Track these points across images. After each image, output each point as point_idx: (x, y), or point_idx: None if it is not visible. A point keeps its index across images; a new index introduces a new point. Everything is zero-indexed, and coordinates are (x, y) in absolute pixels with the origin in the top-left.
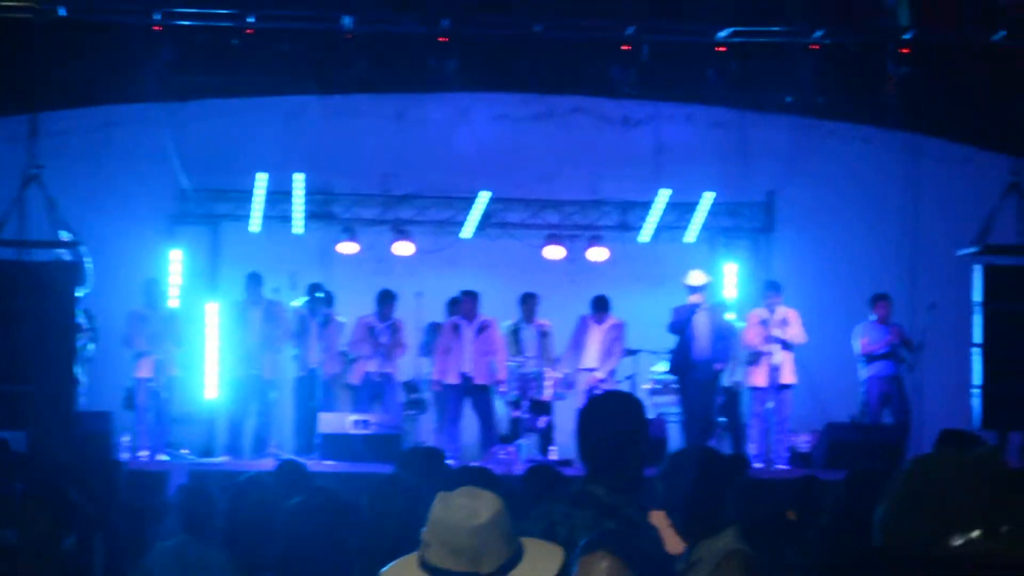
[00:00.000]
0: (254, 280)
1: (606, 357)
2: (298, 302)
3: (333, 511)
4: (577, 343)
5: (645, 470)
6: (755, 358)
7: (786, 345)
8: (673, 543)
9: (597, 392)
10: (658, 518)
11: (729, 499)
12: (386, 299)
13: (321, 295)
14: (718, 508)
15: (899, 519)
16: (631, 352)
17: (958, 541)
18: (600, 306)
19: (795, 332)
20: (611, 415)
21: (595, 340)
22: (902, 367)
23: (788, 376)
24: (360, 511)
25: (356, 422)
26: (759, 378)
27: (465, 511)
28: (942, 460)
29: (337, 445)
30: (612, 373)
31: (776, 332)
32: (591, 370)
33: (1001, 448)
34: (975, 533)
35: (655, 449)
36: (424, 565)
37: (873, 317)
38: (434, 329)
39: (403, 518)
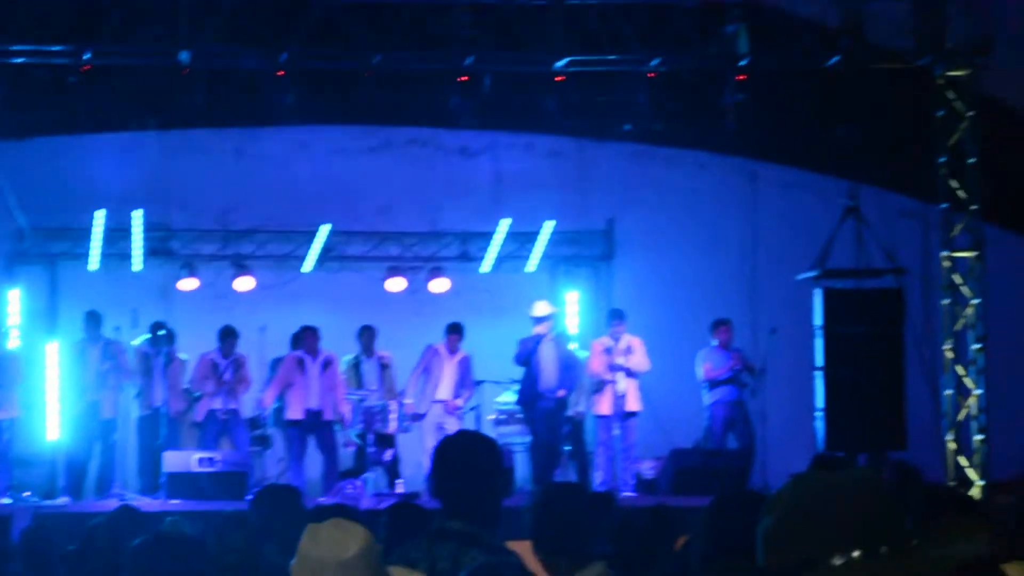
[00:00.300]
0: (92, 319)
1: (460, 388)
2: (139, 340)
3: (179, 550)
4: (428, 374)
5: (502, 504)
6: (600, 386)
7: (630, 373)
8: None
9: (449, 428)
10: (520, 549)
11: (598, 532)
12: (228, 335)
13: (163, 333)
14: (587, 541)
15: (781, 539)
16: (477, 383)
17: (839, 561)
18: (457, 332)
19: (639, 360)
20: (466, 453)
21: (448, 372)
22: (745, 392)
23: (633, 403)
24: (206, 549)
25: (201, 460)
26: (604, 406)
27: (333, 544)
28: (821, 481)
29: (182, 484)
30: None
31: (620, 360)
32: (444, 402)
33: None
34: (855, 553)
35: (502, 480)
36: None
37: (715, 343)
38: (278, 364)
39: (249, 556)
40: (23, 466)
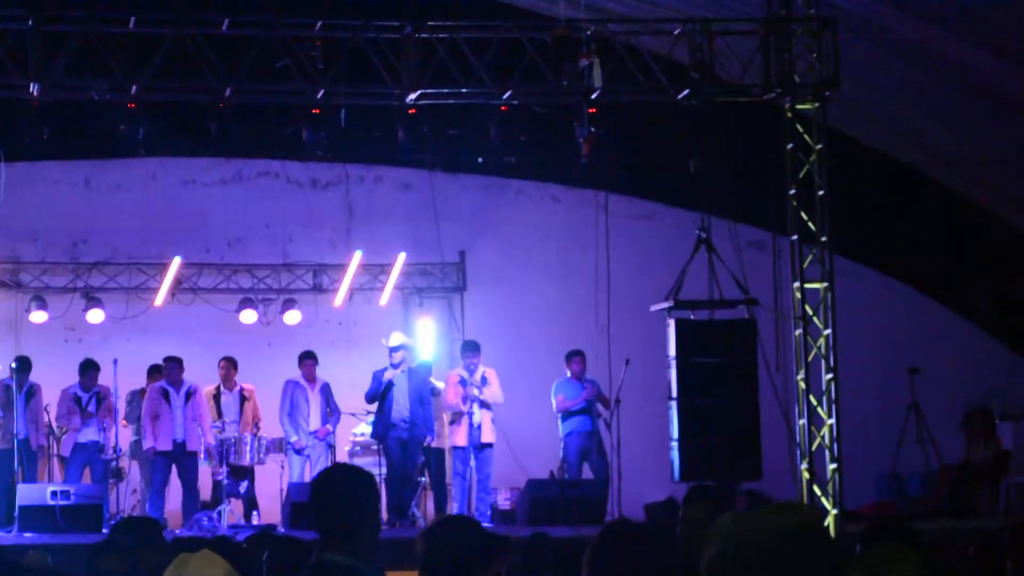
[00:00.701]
0: None
1: (326, 415)
2: None
3: None
4: (295, 408)
5: (379, 535)
6: (456, 418)
7: (484, 404)
8: None
9: (315, 458)
10: None
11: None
12: (89, 368)
13: (21, 366)
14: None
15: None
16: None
17: None
18: (311, 358)
19: (494, 391)
20: (345, 485)
21: (314, 401)
22: (599, 422)
23: (487, 435)
24: None
25: (54, 493)
26: (460, 437)
27: None
28: (765, 526)
29: (36, 517)
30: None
31: (474, 392)
32: (314, 433)
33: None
34: None
35: (379, 511)
36: None
37: (568, 374)
38: (136, 396)
39: None
40: None
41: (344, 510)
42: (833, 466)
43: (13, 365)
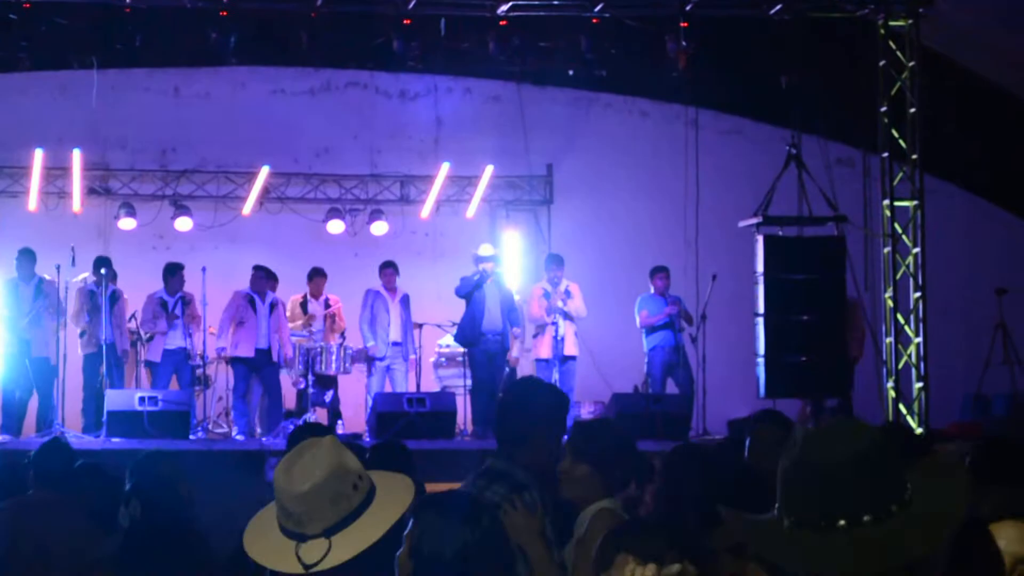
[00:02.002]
0: (25, 257)
1: (407, 327)
2: (79, 279)
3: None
4: (375, 317)
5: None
6: (539, 330)
7: (567, 317)
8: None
9: (397, 369)
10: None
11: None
12: (175, 272)
13: (106, 271)
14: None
15: (796, 495)
16: (417, 325)
17: (842, 523)
18: (391, 267)
19: (578, 305)
20: (526, 396)
21: (394, 312)
22: (682, 337)
23: (571, 348)
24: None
25: (142, 399)
26: (543, 350)
27: (295, 477)
28: (835, 437)
29: (124, 422)
30: (415, 343)
31: (559, 304)
32: (396, 344)
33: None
34: (866, 518)
35: (445, 422)
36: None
37: (652, 290)
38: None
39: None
40: None
41: (521, 421)
42: (919, 385)
43: (102, 271)
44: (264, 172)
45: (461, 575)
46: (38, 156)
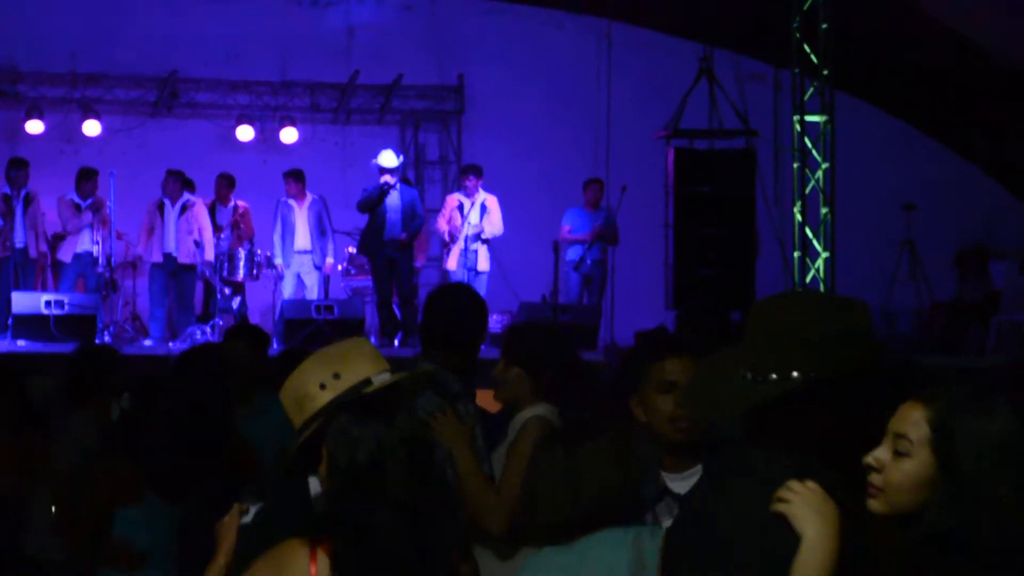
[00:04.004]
0: None
1: (318, 238)
2: None
3: None
4: (284, 226)
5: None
6: (448, 243)
7: (477, 238)
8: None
9: (307, 278)
10: (484, 397)
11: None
12: (88, 176)
13: (20, 173)
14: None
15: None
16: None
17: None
18: (293, 176)
19: (494, 221)
20: (450, 300)
21: (300, 220)
22: (606, 250)
23: (483, 263)
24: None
25: (48, 302)
26: (452, 262)
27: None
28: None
29: (30, 326)
30: (325, 252)
31: (473, 219)
32: (305, 252)
33: None
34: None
35: (353, 328)
36: None
37: (583, 201)
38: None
39: None
40: None
41: (446, 325)
42: None
43: (11, 174)
44: (173, 77)
45: (378, 476)
46: None
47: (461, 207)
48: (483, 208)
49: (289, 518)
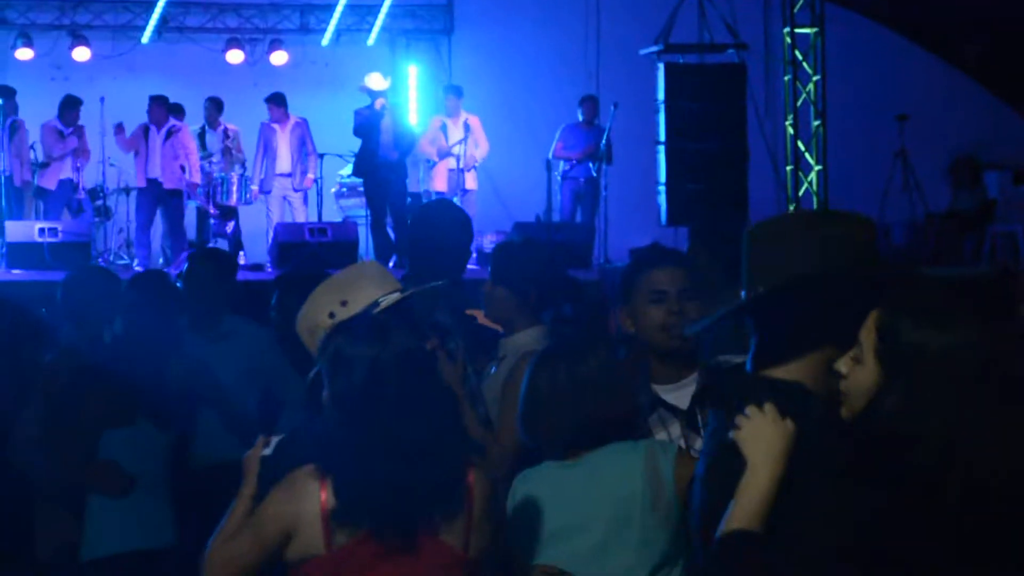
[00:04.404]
0: None
1: (300, 159)
2: None
3: None
4: (266, 150)
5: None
6: (434, 163)
7: (470, 162)
8: None
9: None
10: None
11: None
12: (72, 104)
13: (5, 101)
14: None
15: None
16: (319, 156)
17: None
18: (274, 101)
19: (478, 139)
20: (434, 218)
21: (283, 143)
22: (595, 168)
23: (470, 182)
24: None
25: (42, 230)
26: (438, 182)
27: None
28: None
29: (24, 254)
30: (305, 172)
31: (458, 147)
32: (287, 175)
33: None
34: None
35: (347, 251)
36: None
37: (580, 117)
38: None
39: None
40: None
41: (431, 241)
42: None
43: (1, 102)
44: (162, 1)
45: (375, 397)
46: None
47: (444, 128)
48: (466, 127)
49: (309, 448)
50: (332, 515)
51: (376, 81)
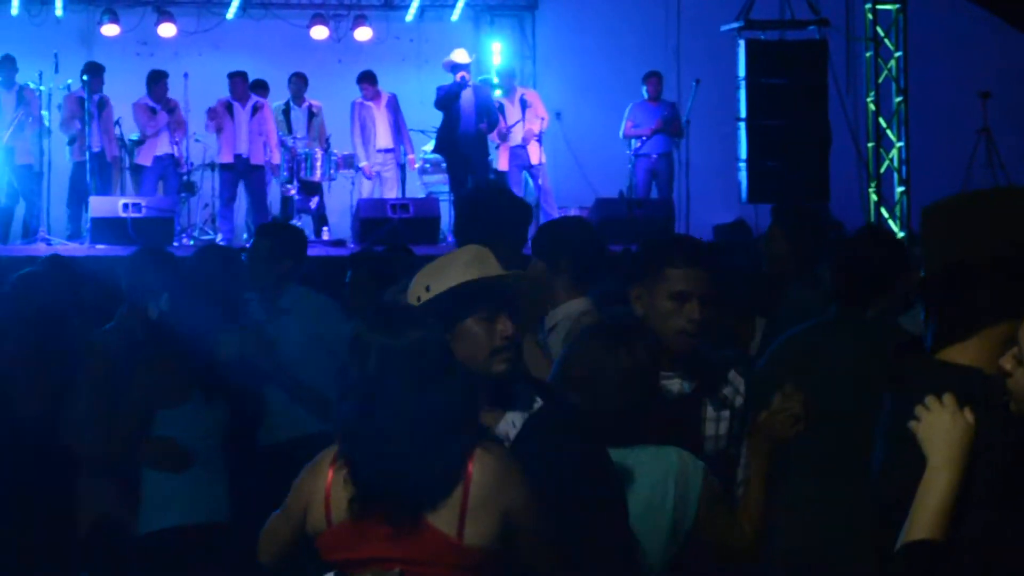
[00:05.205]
0: (5, 63)
1: (395, 131)
2: (62, 86)
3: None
4: (363, 128)
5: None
6: (498, 144)
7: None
8: None
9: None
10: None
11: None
12: (160, 79)
13: (93, 77)
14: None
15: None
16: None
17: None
18: (365, 80)
19: (538, 110)
20: (492, 200)
21: (380, 119)
22: (672, 143)
23: (535, 156)
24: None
25: (126, 205)
26: (502, 162)
27: None
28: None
29: (108, 229)
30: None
31: (516, 118)
32: (388, 150)
33: None
34: None
35: (429, 227)
36: None
37: (645, 94)
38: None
39: None
40: None
41: (478, 225)
42: (901, 189)
43: (84, 78)
44: None
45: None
46: None
47: (502, 108)
48: (523, 102)
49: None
50: (331, 493)
51: (460, 55)
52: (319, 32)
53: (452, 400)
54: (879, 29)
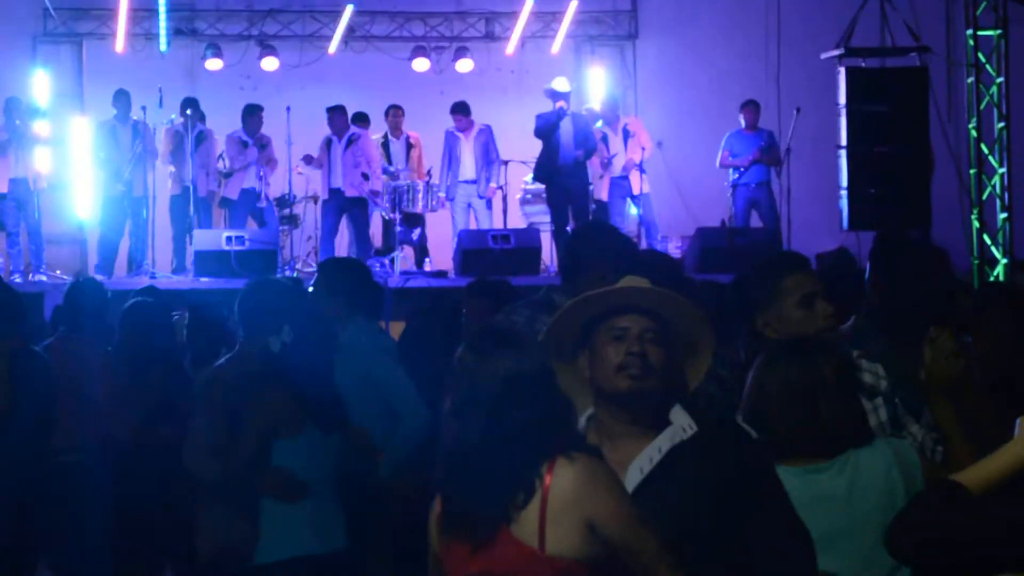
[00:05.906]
0: (122, 98)
1: (484, 166)
2: (166, 120)
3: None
4: (451, 158)
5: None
6: (601, 174)
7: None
8: None
9: (477, 207)
10: None
11: None
12: (251, 112)
13: (192, 111)
14: None
15: None
16: (503, 162)
17: None
18: (458, 111)
19: (643, 141)
20: (584, 236)
21: (467, 151)
22: (770, 172)
23: (637, 186)
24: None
25: (230, 238)
26: (603, 192)
27: None
28: None
29: (212, 262)
30: (489, 179)
31: (618, 147)
32: (472, 182)
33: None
34: None
35: (530, 258)
36: None
37: (742, 123)
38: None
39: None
40: (54, 244)
41: (579, 258)
42: (1004, 215)
43: (188, 111)
44: (349, 10)
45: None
46: None
47: (605, 138)
48: (625, 132)
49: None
50: (438, 515)
51: (560, 83)
52: (420, 64)
53: (538, 420)
54: (980, 55)
